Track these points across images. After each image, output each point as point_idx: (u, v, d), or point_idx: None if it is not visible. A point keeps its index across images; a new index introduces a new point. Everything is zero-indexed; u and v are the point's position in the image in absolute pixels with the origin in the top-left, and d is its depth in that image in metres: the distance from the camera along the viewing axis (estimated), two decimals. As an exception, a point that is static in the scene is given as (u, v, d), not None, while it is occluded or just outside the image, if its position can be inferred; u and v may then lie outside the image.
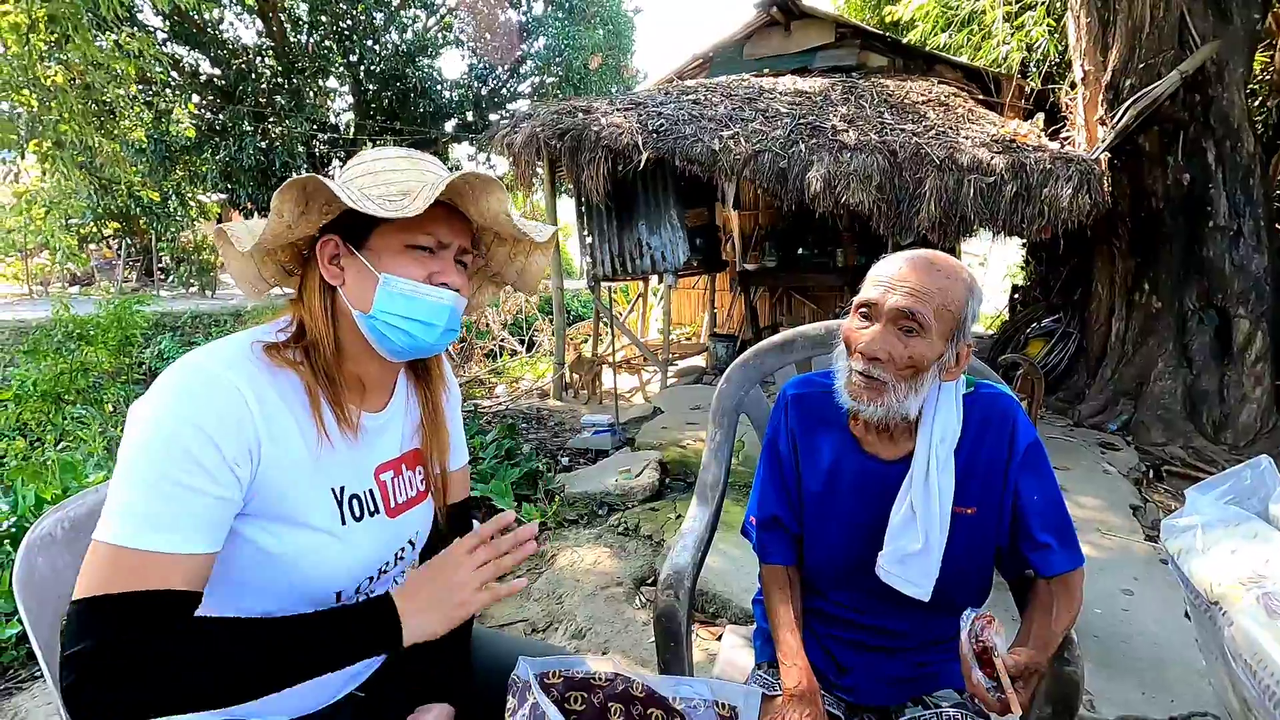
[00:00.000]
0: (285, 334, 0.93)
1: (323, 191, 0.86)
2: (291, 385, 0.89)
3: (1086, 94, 4.50)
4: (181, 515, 0.76)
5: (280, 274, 1.00)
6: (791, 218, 7.19)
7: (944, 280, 1.12)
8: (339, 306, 0.93)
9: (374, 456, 1.00)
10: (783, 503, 1.34)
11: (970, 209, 4.19)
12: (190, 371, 0.83)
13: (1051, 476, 1.21)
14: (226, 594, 0.89)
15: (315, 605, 0.94)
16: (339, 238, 0.91)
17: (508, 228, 0.98)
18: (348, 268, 0.91)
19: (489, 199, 0.94)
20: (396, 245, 0.90)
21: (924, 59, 6.24)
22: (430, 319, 0.92)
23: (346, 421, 0.94)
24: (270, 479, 0.84)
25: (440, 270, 0.93)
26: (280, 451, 0.85)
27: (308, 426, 0.89)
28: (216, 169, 12.86)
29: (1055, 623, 1.12)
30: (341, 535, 0.92)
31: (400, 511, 1.02)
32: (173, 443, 0.77)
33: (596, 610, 2.43)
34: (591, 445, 4.33)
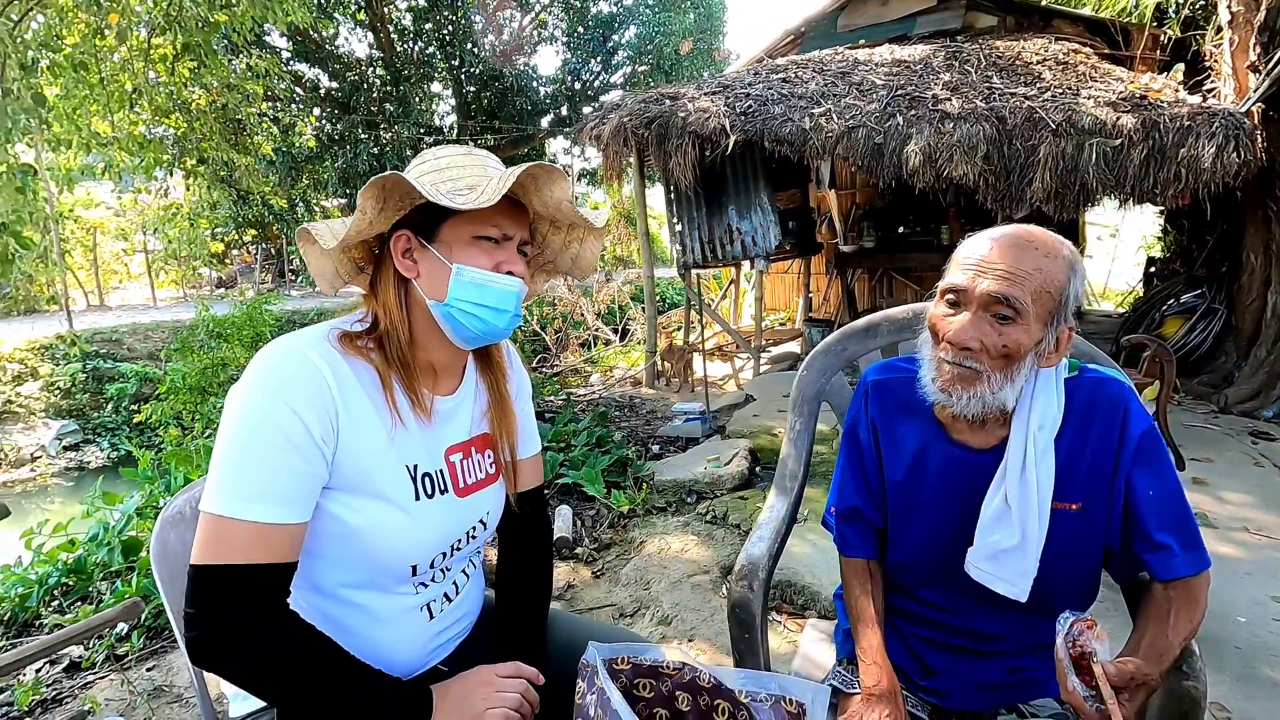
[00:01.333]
0: (361, 325, 0.99)
1: (399, 188, 0.91)
2: (365, 371, 0.95)
3: (1235, 38, 3.97)
4: (272, 487, 0.83)
5: (353, 270, 1.07)
6: (891, 196, 6.84)
7: (1041, 259, 1.02)
8: (413, 297, 0.98)
9: (445, 438, 1.05)
10: (863, 493, 1.28)
11: (1092, 176, 3.82)
12: (277, 353, 0.90)
13: (1170, 469, 1.08)
14: (308, 566, 0.96)
15: (393, 577, 1.00)
16: (410, 232, 0.96)
17: (569, 214, 1.02)
18: (421, 260, 0.97)
19: (552, 188, 0.98)
20: (465, 237, 0.95)
21: (1039, 14, 5.72)
22: (500, 305, 0.96)
23: (419, 404, 0.99)
24: (349, 453, 0.91)
25: (507, 259, 0.97)
26: (358, 428, 0.91)
27: (382, 408, 0.95)
28: (335, 175, 13.85)
29: (1172, 632, 1.01)
30: (414, 511, 0.97)
31: (469, 492, 1.06)
32: (263, 420, 0.84)
33: (683, 598, 2.43)
34: (682, 433, 4.33)
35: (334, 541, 0.94)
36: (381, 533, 0.94)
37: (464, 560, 1.13)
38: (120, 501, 3.08)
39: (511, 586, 1.20)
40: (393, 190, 0.92)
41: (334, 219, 1.00)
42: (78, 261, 13.95)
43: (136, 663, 2.24)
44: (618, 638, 1.18)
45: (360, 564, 0.96)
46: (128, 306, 14.12)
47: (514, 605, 1.18)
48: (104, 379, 8.95)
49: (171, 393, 4.50)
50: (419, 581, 1.03)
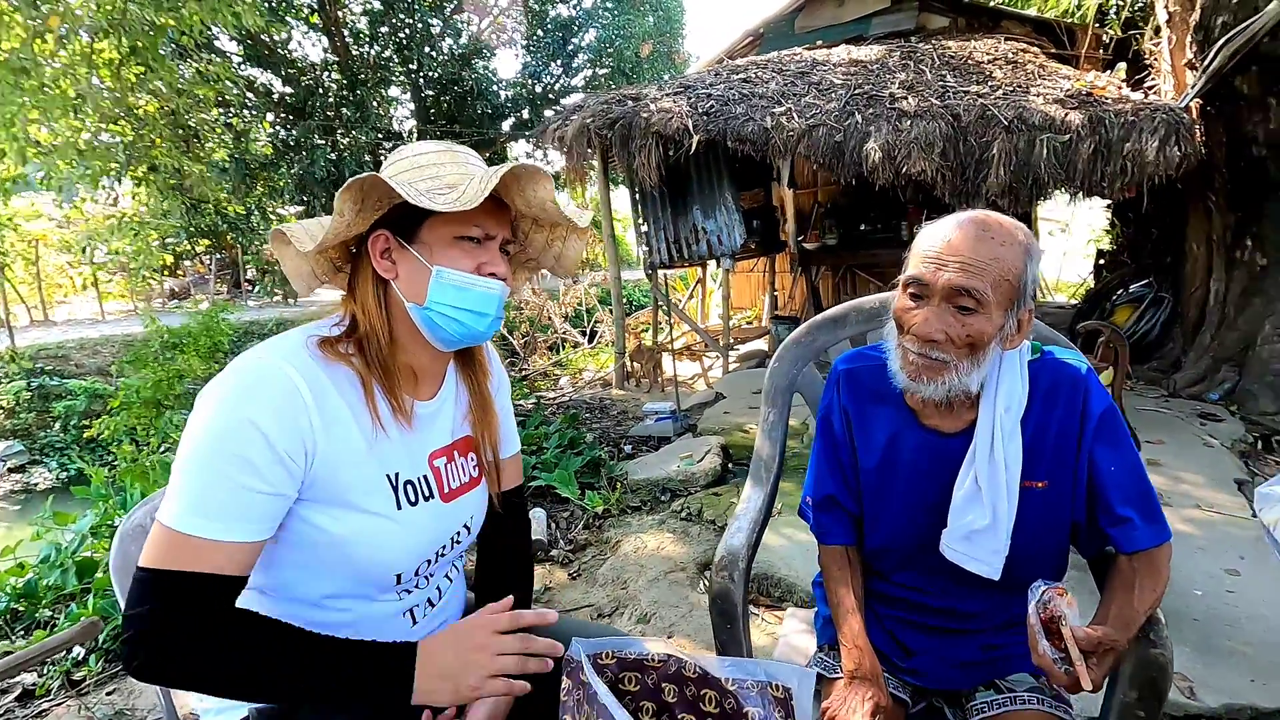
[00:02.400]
0: (339, 329, 0.97)
1: (378, 189, 0.89)
2: (346, 377, 0.93)
3: (1173, 37, 4.15)
4: (229, 507, 0.81)
5: (330, 270, 1.04)
6: (851, 193, 6.96)
7: (998, 248, 1.04)
8: (391, 299, 0.96)
9: (427, 443, 1.03)
10: (839, 482, 1.30)
11: (1043, 170, 3.94)
12: (246, 366, 0.87)
13: (1130, 445, 1.12)
14: (292, 577, 0.94)
15: (377, 586, 0.98)
16: (389, 233, 0.94)
17: (554, 214, 1.01)
18: (400, 261, 0.94)
19: (536, 187, 0.97)
20: (446, 238, 0.93)
21: (989, 15, 5.90)
22: (481, 308, 0.95)
23: (400, 409, 0.97)
24: (327, 466, 0.88)
25: (488, 261, 0.96)
26: (336, 439, 0.89)
27: (362, 415, 0.93)
28: (292, 182, 13.53)
29: (1137, 600, 1.05)
30: (398, 519, 0.95)
31: (454, 496, 1.05)
32: (225, 438, 0.81)
33: (661, 595, 2.43)
34: (653, 432, 4.34)
35: (317, 551, 0.91)
36: (365, 542, 0.92)
37: (447, 565, 1.12)
38: (73, 521, 2.96)
39: (493, 587, 1.19)
40: (371, 190, 0.90)
41: (309, 220, 0.98)
42: (19, 275, 13.37)
43: (95, 687, 2.15)
44: (601, 634, 1.17)
45: (344, 574, 0.94)
46: (74, 321, 13.58)
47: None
48: (51, 397, 8.58)
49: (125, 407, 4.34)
50: (403, 589, 1.02)
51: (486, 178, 0.88)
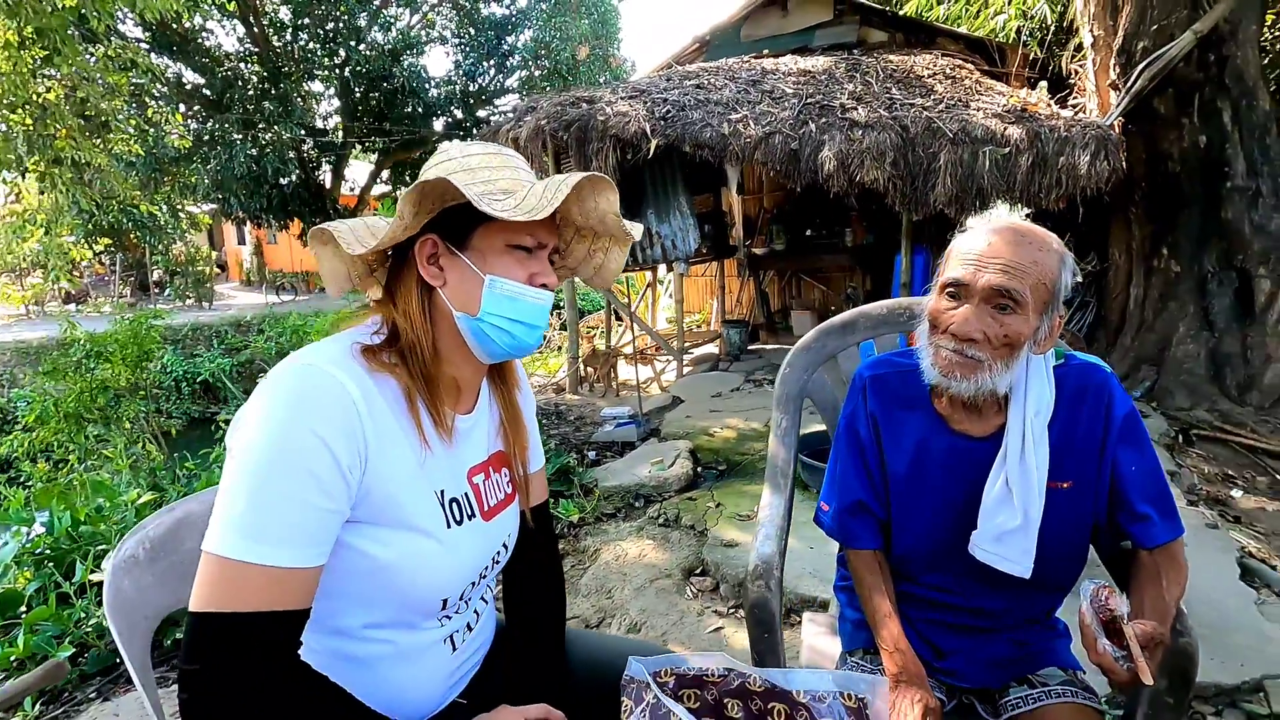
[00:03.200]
0: (379, 336, 0.91)
1: (438, 190, 0.84)
2: (390, 388, 0.87)
3: (1097, 59, 4.46)
4: (291, 528, 0.74)
5: (364, 272, 0.98)
6: (797, 200, 7.14)
7: (1037, 253, 1.09)
8: (437, 308, 0.91)
9: (466, 459, 0.98)
10: (866, 487, 1.31)
11: (987, 181, 4.16)
12: (301, 372, 0.80)
13: (1150, 446, 1.18)
14: (329, 609, 0.87)
15: (422, 613, 0.93)
16: (438, 237, 0.89)
17: (614, 226, 0.97)
18: (448, 268, 0.89)
19: (599, 198, 0.93)
20: (499, 246, 0.89)
21: (925, 32, 6.17)
22: (533, 320, 0.91)
23: (442, 424, 0.92)
24: (379, 482, 0.82)
25: (540, 271, 0.92)
26: (387, 454, 0.83)
27: (409, 429, 0.88)
28: (207, 179, 12.74)
29: (1167, 593, 1.10)
30: (446, 540, 0.90)
31: (494, 514, 1.01)
32: (286, 451, 0.74)
33: (648, 603, 2.41)
34: (617, 438, 4.31)
35: (361, 579, 0.85)
36: (414, 566, 0.87)
37: (484, 587, 1.07)
38: (-14, 550, 2.66)
39: (525, 608, 1.15)
40: (430, 192, 0.84)
41: (352, 220, 0.91)
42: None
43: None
44: (641, 651, 1.14)
45: (389, 601, 0.88)
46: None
47: (529, 629, 1.13)
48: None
49: (41, 421, 3.94)
50: (445, 614, 0.96)
51: (555, 186, 0.85)
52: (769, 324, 7.36)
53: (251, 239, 20.58)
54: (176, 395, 9.12)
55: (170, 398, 8.93)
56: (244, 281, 21.17)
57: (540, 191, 0.85)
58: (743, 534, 2.76)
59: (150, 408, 4.76)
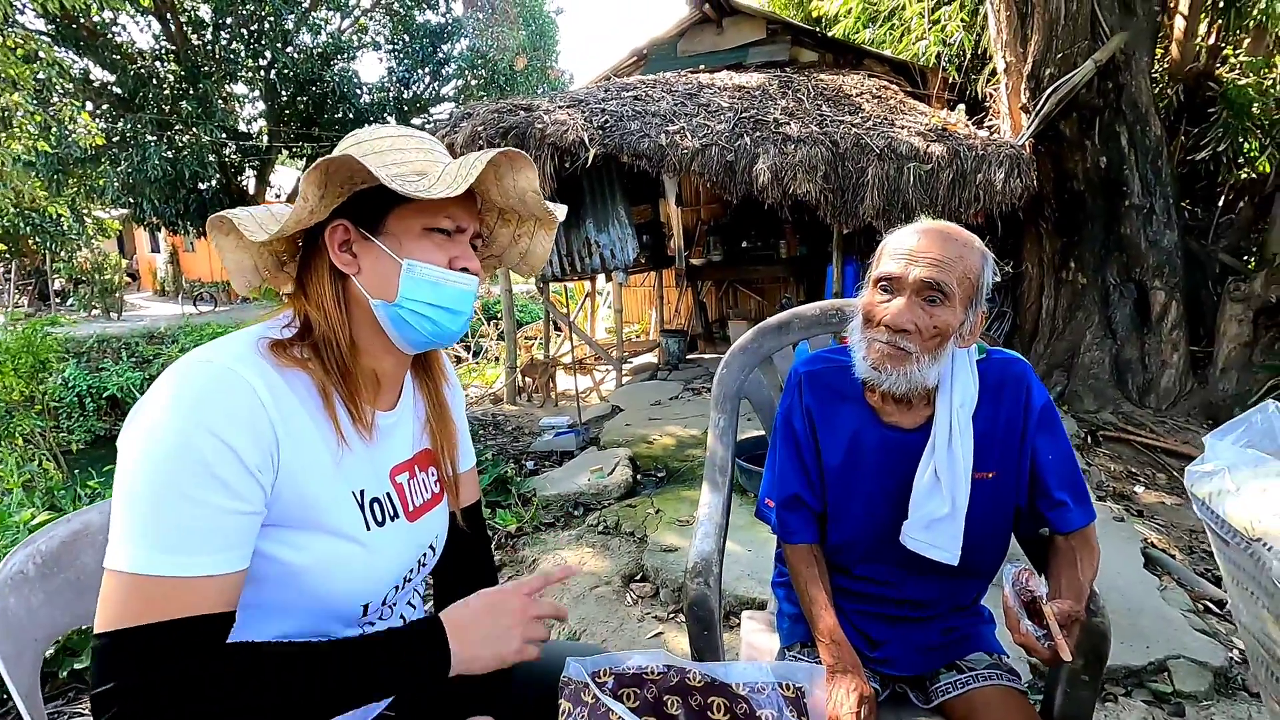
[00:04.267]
0: (290, 330, 0.86)
1: (344, 171, 0.81)
2: (303, 384, 0.83)
3: (1009, 84, 4.75)
4: (207, 534, 0.70)
5: (273, 266, 0.94)
6: (733, 212, 7.29)
7: (962, 249, 1.15)
8: (352, 297, 0.87)
9: (389, 457, 0.95)
10: (803, 481, 1.33)
11: (911, 196, 4.34)
12: (198, 369, 0.75)
13: (1064, 435, 1.24)
14: (245, 620, 0.82)
15: (342, 621, 0.88)
16: (349, 222, 0.85)
17: (535, 205, 0.95)
18: (362, 255, 0.86)
19: (518, 176, 0.91)
20: (415, 229, 0.86)
21: (853, 53, 6.43)
22: (456, 305, 0.88)
23: (361, 420, 0.88)
24: (292, 483, 0.78)
25: (460, 254, 0.89)
26: (300, 453, 0.79)
27: (324, 427, 0.83)
28: (118, 181, 11.99)
29: (1082, 574, 1.16)
30: (367, 542, 0.86)
31: (419, 514, 0.97)
32: (185, 454, 0.70)
33: (589, 611, 2.37)
34: (555, 447, 4.26)
35: (274, 587, 0.80)
36: (333, 571, 0.83)
37: (410, 592, 1.03)
38: None
39: None
40: (336, 173, 0.81)
41: (254, 207, 0.87)
42: None
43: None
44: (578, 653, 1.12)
45: (306, 610, 0.84)
46: None
47: None
48: None
49: (-83, 438, 3.58)
50: (367, 621, 0.92)
51: (470, 164, 0.82)
52: (707, 334, 7.46)
53: (167, 246, 19.48)
54: (79, 411, 8.48)
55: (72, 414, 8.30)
56: (158, 291, 20.00)
57: (455, 170, 0.82)
58: (682, 539, 2.76)
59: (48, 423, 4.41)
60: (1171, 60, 5.03)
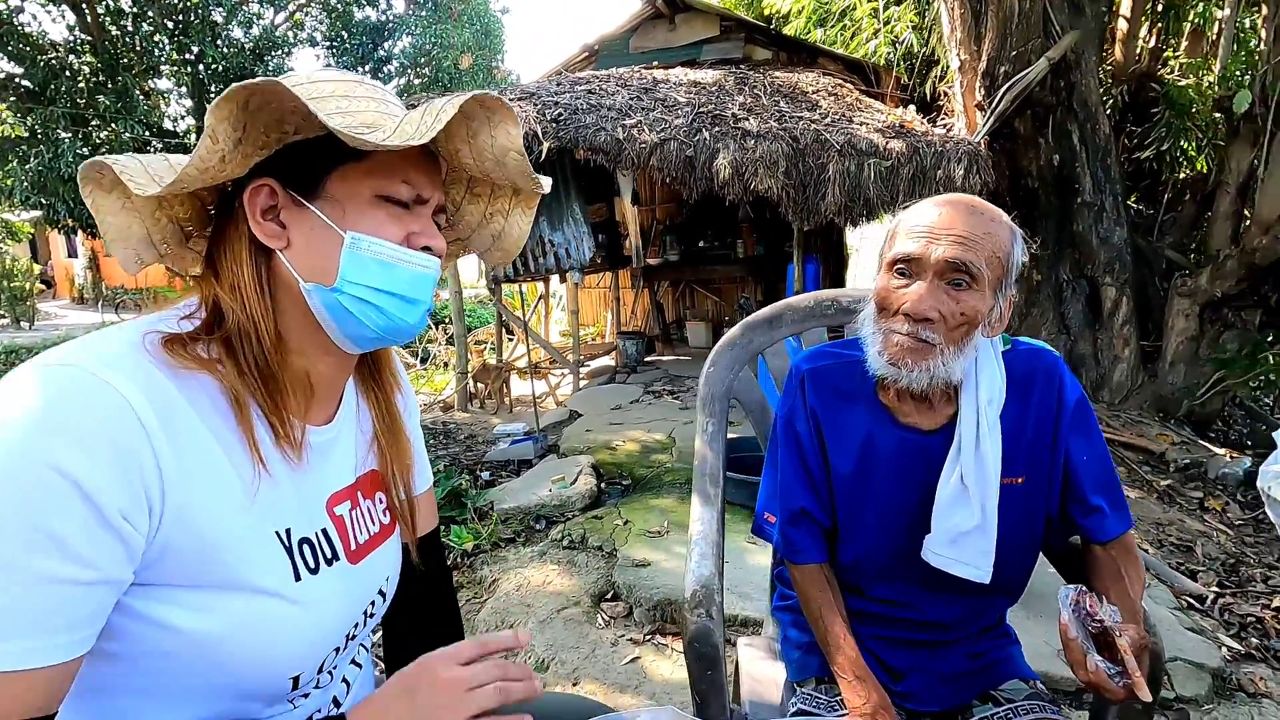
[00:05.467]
0: (193, 322, 0.66)
1: (269, 112, 0.61)
2: (206, 393, 0.63)
3: (964, 81, 4.76)
4: (24, 615, 0.50)
5: (176, 239, 0.72)
6: (689, 211, 7.17)
7: (989, 224, 1.01)
8: (279, 279, 0.67)
9: (324, 484, 0.75)
10: (809, 493, 1.18)
11: (872, 192, 4.29)
12: (47, 377, 0.54)
13: (1099, 433, 1.12)
14: (129, 707, 0.62)
15: (264, 700, 0.68)
16: (277, 182, 0.66)
17: (516, 171, 0.75)
18: (293, 225, 0.66)
19: (496, 131, 0.71)
20: (364, 195, 0.67)
21: (806, 52, 6.40)
22: (412, 293, 0.69)
23: (287, 438, 0.68)
24: (187, 529, 0.58)
25: (421, 230, 0.70)
26: (199, 487, 0.59)
27: (236, 449, 0.63)
28: (27, 180, 11.11)
29: (1132, 590, 1.03)
30: (297, 596, 0.66)
31: (365, 553, 0.78)
32: (8, 499, 0.50)
33: (556, 636, 2.17)
34: (512, 456, 4.02)
35: (169, 664, 0.60)
36: (252, 639, 0.63)
37: (355, 648, 0.82)
38: None
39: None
40: (260, 110, 0.60)
41: (151, 155, 0.66)
42: None
43: None
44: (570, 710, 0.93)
45: (215, 690, 0.64)
46: None
47: None
48: None
49: None
50: (300, 694, 0.71)
51: (437, 109, 0.63)
52: (665, 335, 7.32)
53: (85, 251, 18.26)
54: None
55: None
56: (76, 299, 18.74)
57: (419, 117, 0.63)
58: (654, 552, 2.58)
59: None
60: (1115, 61, 5.14)
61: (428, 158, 0.71)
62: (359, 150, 0.64)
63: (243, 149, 0.62)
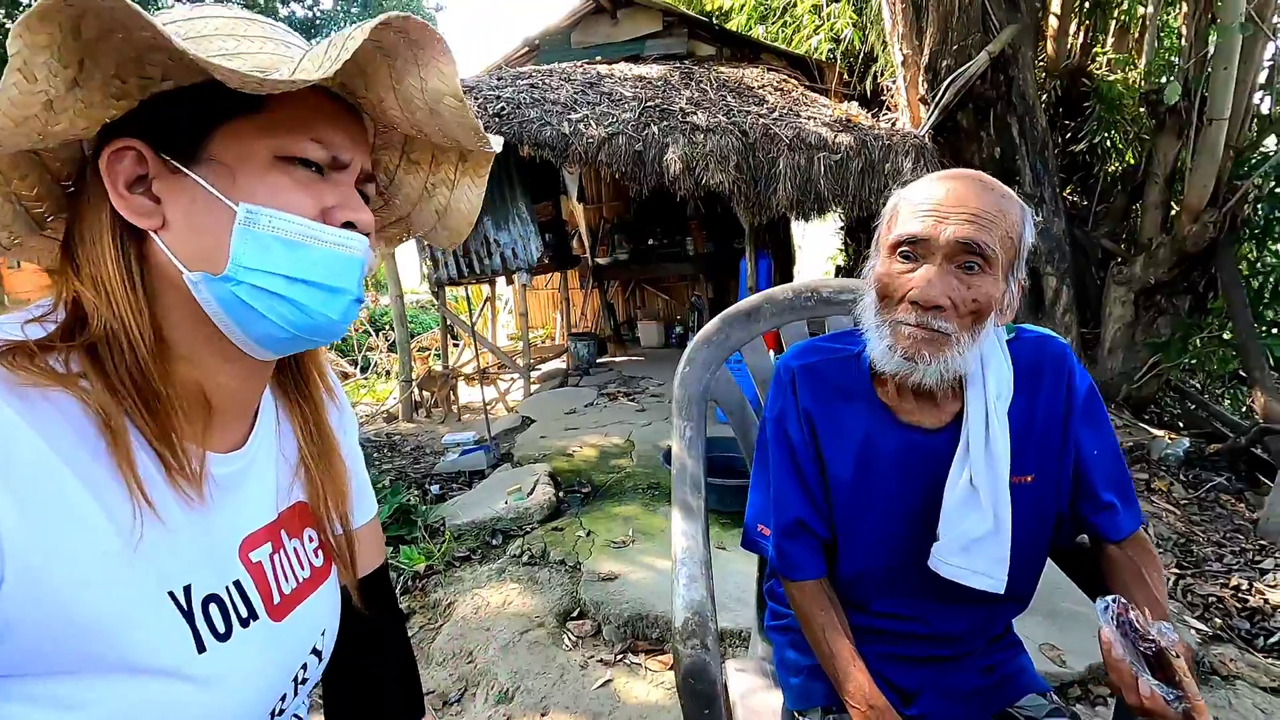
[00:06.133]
0: (44, 326, 0.50)
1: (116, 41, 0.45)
2: (66, 419, 0.48)
3: (907, 75, 4.80)
4: None
5: (21, 224, 0.56)
6: (637, 209, 7.07)
7: (1001, 200, 0.93)
8: (155, 267, 0.52)
9: (235, 525, 0.60)
10: (805, 502, 1.08)
11: (823, 186, 4.27)
12: None
13: (1109, 426, 1.05)
14: None
15: None
16: (144, 144, 0.50)
17: (456, 122, 0.59)
18: (169, 198, 0.51)
19: (426, 71, 0.55)
20: (261, 157, 0.52)
21: (750, 47, 6.38)
22: (332, 280, 0.54)
23: (182, 469, 0.53)
24: (40, 602, 0.44)
25: (340, 202, 0.55)
26: (54, 544, 0.45)
27: (108, 489, 0.48)
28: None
29: (1157, 591, 0.96)
30: (201, 673, 0.52)
31: (291, 606, 0.63)
32: None
33: (520, 663, 2.01)
34: (463, 467, 3.82)
35: None
36: None
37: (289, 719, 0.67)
38: None
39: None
40: (102, 40, 0.45)
41: None
42: None
43: None
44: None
45: None
46: None
47: None
48: None
49: None
50: None
51: (344, 39, 0.48)
52: (617, 336, 7.18)
53: (-17, 262, 16.92)
54: None
55: None
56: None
57: (320, 54, 0.48)
58: (621, 564, 2.45)
59: None
60: (1048, 57, 5.28)
61: (348, 113, 0.57)
62: (253, 101, 0.49)
63: (83, 94, 0.46)
